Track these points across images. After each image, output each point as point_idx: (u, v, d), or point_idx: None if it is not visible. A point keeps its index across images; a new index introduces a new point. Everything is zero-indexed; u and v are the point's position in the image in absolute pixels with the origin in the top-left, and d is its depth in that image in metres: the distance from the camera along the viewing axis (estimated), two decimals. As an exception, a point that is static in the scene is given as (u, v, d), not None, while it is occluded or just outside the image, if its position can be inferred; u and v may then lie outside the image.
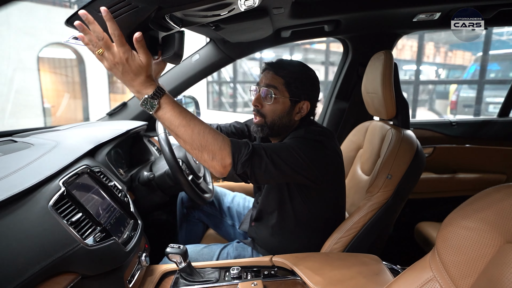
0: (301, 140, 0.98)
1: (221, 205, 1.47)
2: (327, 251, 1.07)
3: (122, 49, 0.72)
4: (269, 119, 1.06)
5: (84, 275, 0.72)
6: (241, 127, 1.34)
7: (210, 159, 0.84)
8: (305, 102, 1.08)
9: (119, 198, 1.00)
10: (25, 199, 0.68)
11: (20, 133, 1.18)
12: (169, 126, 0.81)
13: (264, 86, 1.05)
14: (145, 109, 0.79)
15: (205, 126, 0.83)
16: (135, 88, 0.78)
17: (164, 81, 1.56)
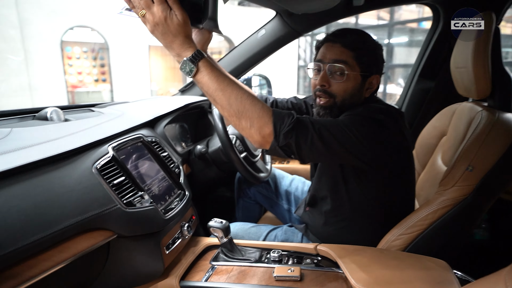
0: (355, 117, 0.85)
1: (277, 188, 1.41)
2: (384, 247, 0.92)
3: (160, 7, 0.72)
4: (340, 99, 0.94)
5: (120, 234, 0.77)
6: (298, 103, 1.24)
7: (248, 127, 0.79)
8: (375, 76, 0.95)
9: (170, 169, 1.03)
10: (73, 158, 0.75)
11: (101, 104, 1.33)
12: (207, 90, 0.79)
13: (331, 62, 0.92)
14: (184, 73, 0.78)
15: (244, 92, 0.79)
16: (175, 51, 0.77)
17: (230, 58, 1.55)
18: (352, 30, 0.96)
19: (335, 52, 0.92)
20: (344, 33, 0.94)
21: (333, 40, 0.94)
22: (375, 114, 0.86)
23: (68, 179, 0.70)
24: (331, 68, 0.92)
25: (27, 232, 0.58)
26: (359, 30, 0.96)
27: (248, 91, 0.80)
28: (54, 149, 0.71)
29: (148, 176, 0.93)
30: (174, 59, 0.79)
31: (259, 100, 0.80)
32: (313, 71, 0.99)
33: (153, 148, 1.02)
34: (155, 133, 1.11)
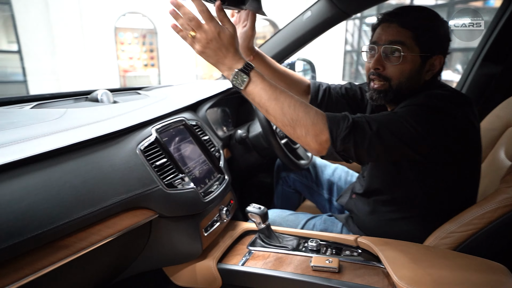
0: (417, 108, 0.78)
1: (318, 177, 1.37)
2: (431, 244, 0.85)
3: (212, 24, 0.73)
4: (395, 82, 0.87)
5: (161, 214, 0.79)
6: (353, 89, 1.18)
7: (304, 135, 0.76)
8: (437, 57, 0.86)
9: (210, 152, 1.05)
10: (119, 139, 0.78)
11: (147, 88, 1.37)
12: (259, 101, 0.78)
13: (387, 43, 0.85)
14: (236, 85, 0.78)
15: (296, 100, 0.77)
16: (227, 64, 0.77)
17: (274, 42, 1.51)
18: (413, 7, 0.88)
19: (391, 33, 0.86)
20: (403, 11, 0.86)
21: (390, 20, 0.87)
22: (438, 102, 0.79)
23: (115, 158, 0.74)
24: (386, 50, 0.86)
25: (78, 206, 0.62)
26: (421, 7, 0.87)
27: (299, 99, 0.78)
28: (103, 129, 0.74)
29: (189, 159, 0.95)
30: (225, 75, 0.79)
31: (312, 107, 0.78)
32: (367, 54, 0.93)
33: (194, 132, 1.03)
34: (197, 116, 1.12)
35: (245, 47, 0.97)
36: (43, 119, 0.76)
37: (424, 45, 0.84)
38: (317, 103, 1.16)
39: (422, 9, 0.87)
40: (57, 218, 0.58)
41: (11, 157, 0.56)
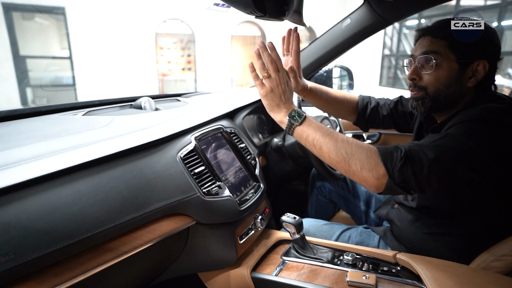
0: (475, 126, 0.74)
1: (355, 188, 1.34)
2: (480, 267, 0.80)
3: (283, 73, 0.84)
4: (432, 90, 0.88)
5: (199, 221, 0.82)
6: (404, 103, 1.18)
7: (359, 170, 0.75)
8: (480, 62, 0.83)
9: (246, 160, 1.06)
10: (161, 146, 0.81)
11: (186, 94, 1.42)
12: (313, 137, 0.80)
13: (421, 54, 0.88)
14: (291, 121, 0.82)
15: (348, 137, 0.80)
16: (285, 108, 0.84)
17: (312, 49, 1.49)
18: (446, 19, 0.87)
19: (425, 45, 0.88)
20: (437, 23, 0.89)
21: (424, 34, 0.90)
22: (495, 116, 0.74)
23: (157, 165, 0.77)
24: (421, 60, 0.88)
25: (123, 211, 0.65)
26: (453, 18, 0.86)
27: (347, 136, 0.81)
28: (146, 137, 0.78)
29: (226, 166, 0.97)
30: (276, 120, 0.86)
31: (362, 142, 0.79)
32: (407, 68, 0.95)
33: (231, 139, 1.05)
34: (234, 124, 1.14)
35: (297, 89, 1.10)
36: (93, 126, 0.81)
37: (460, 51, 0.84)
38: (364, 120, 1.20)
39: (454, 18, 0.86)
40: (104, 222, 0.61)
41: (67, 163, 0.61)
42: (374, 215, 1.28)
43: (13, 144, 0.64)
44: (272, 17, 0.80)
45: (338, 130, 1.33)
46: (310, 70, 1.53)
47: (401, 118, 1.18)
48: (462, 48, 0.84)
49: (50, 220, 0.55)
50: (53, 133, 0.74)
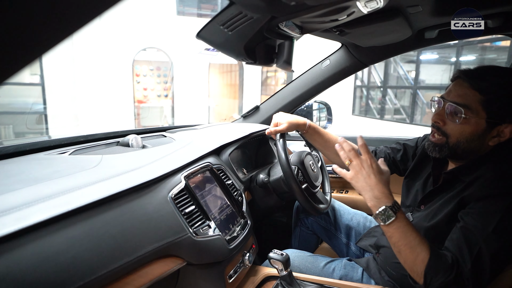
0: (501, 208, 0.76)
1: (337, 221, 1.38)
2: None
3: (368, 155, 0.87)
4: (453, 140, 0.88)
5: (189, 262, 0.81)
6: (398, 149, 1.21)
7: (408, 267, 0.81)
8: (509, 125, 0.83)
9: (234, 197, 1.07)
10: (152, 187, 0.81)
11: (171, 129, 1.43)
12: (395, 241, 0.81)
13: (452, 101, 0.86)
14: (378, 219, 0.82)
15: (427, 254, 0.78)
16: (375, 194, 0.83)
17: (294, 86, 1.58)
18: (494, 68, 0.86)
19: (460, 92, 0.85)
20: (480, 71, 0.85)
21: (463, 78, 0.86)
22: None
23: (149, 206, 0.77)
24: (449, 107, 0.87)
25: (116, 256, 0.64)
26: (502, 70, 0.86)
27: (433, 252, 0.78)
28: (139, 178, 0.78)
29: (215, 204, 0.98)
30: (369, 204, 0.84)
31: (434, 256, 0.78)
32: (434, 104, 0.94)
33: (219, 176, 1.07)
34: (220, 160, 1.16)
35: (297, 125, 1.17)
36: (83, 167, 0.81)
37: (493, 111, 0.82)
38: None
39: (503, 74, 0.84)
40: (97, 269, 0.60)
41: (60, 209, 0.60)
42: (355, 247, 1.31)
43: (2, 190, 0.63)
44: (262, 64, 0.86)
45: (320, 165, 1.38)
46: (292, 106, 1.60)
47: (396, 163, 1.20)
48: (497, 108, 0.82)
49: (42, 270, 0.54)
50: (43, 176, 0.72)
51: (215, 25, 0.78)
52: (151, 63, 9.36)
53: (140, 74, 9.38)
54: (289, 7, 0.67)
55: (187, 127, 1.50)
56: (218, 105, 10.24)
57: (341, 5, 0.67)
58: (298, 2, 0.62)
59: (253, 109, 1.75)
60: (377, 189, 0.83)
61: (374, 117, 9.94)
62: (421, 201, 1.00)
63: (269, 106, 1.69)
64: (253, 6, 0.69)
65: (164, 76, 9.56)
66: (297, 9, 0.67)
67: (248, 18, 0.73)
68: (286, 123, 1.18)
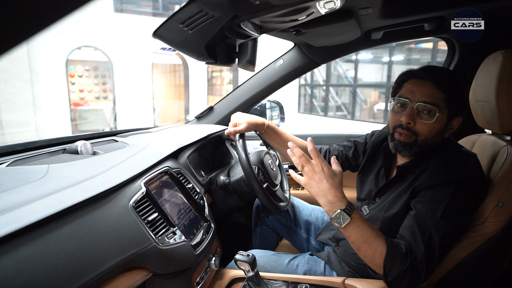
0: (467, 191, 0.85)
1: (297, 217, 1.42)
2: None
3: (318, 159, 0.87)
4: (422, 138, 0.92)
5: (155, 272, 0.77)
6: (349, 146, 1.29)
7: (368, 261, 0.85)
8: (458, 119, 0.94)
9: (195, 200, 1.04)
10: (111, 196, 0.75)
11: (122, 133, 1.35)
12: (354, 240, 0.83)
13: (422, 101, 0.89)
14: (336, 223, 0.83)
15: (384, 246, 0.81)
16: (329, 199, 0.84)
17: (249, 86, 1.59)
18: (443, 69, 0.94)
19: (426, 92, 0.90)
20: (436, 71, 0.92)
21: (424, 78, 0.91)
22: (481, 177, 0.88)
23: (108, 217, 0.71)
24: (421, 107, 0.90)
25: (75, 275, 0.58)
26: (449, 70, 0.96)
27: (389, 243, 0.82)
28: (95, 188, 0.72)
29: (177, 209, 0.94)
30: (324, 209, 0.85)
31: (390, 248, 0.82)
32: (394, 105, 0.97)
33: (179, 180, 1.03)
34: (179, 164, 1.12)
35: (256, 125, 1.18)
36: (27, 179, 0.72)
37: (453, 107, 0.90)
38: None
39: (450, 72, 0.95)
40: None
41: (6, 228, 0.53)
42: (315, 242, 1.36)
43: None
44: (223, 64, 0.85)
45: (278, 163, 1.41)
46: (247, 106, 1.61)
47: (348, 159, 1.28)
48: (455, 105, 0.90)
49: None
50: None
51: (174, 23, 0.75)
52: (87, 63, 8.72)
53: (74, 75, 8.68)
54: (252, 6, 0.66)
55: (139, 130, 1.42)
56: (163, 106, 9.89)
57: (302, 6, 0.69)
58: (262, 1, 0.62)
59: (207, 110, 1.72)
60: (330, 194, 0.83)
61: (318, 114, 10.42)
62: (376, 194, 1.07)
63: (224, 106, 1.68)
64: (215, 4, 0.67)
65: (102, 76, 8.96)
66: (260, 8, 0.67)
67: (209, 17, 0.71)
68: (245, 123, 1.18)
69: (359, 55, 9.50)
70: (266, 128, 1.25)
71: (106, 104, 9.05)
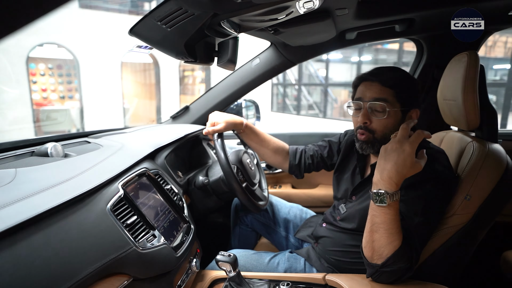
0: (442, 186, 0.89)
1: (275, 215, 1.43)
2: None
3: (413, 141, 0.78)
4: (380, 134, 0.98)
5: (136, 277, 0.74)
6: (324, 145, 1.32)
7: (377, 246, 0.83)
8: (414, 110, 1.00)
9: (174, 202, 1.02)
10: (87, 200, 0.72)
11: (94, 134, 1.29)
12: (378, 222, 0.80)
13: (372, 100, 0.97)
14: (373, 198, 0.80)
15: (401, 238, 0.81)
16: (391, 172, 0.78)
17: (225, 85, 1.58)
18: (389, 68, 1.01)
19: (374, 91, 0.97)
20: (382, 71, 0.99)
21: (371, 79, 0.98)
22: (451, 172, 0.91)
23: (85, 222, 0.68)
24: (372, 105, 0.97)
25: (51, 284, 0.55)
26: (395, 67, 1.01)
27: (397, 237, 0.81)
28: (70, 192, 0.69)
29: (156, 211, 0.92)
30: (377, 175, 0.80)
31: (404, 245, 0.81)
32: (352, 108, 1.03)
33: (157, 181, 1.01)
34: (156, 165, 1.10)
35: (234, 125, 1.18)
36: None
37: (403, 100, 0.96)
38: (296, 164, 1.30)
39: (398, 70, 1.01)
40: (30, 304, 0.51)
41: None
42: (294, 239, 1.38)
43: None
44: (202, 63, 0.83)
45: (256, 162, 1.41)
46: (223, 105, 1.60)
47: (324, 158, 1.31)
48: (405, 98, 0.96)
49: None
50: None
51: (152, 20, 0.73)
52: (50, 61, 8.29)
53: (36, 73, 8.21)
54: (233, 5, 0.66)
55: (113, 131, 1.37)
56: (132, 106, 9.59)
57: (282, 5, 0.69)
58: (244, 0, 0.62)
59: (183, 110, 1.69)
60: (391, 172, 0.77)
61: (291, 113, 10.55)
62: (352, 192, 1.11)
63: (200, 105, 1.65)
64: (195, 2, 0.66)
65: (67, 75, 8.55)
66: (241, 7, 0.67)
67: (189, 15, 0.70)
68: (224, 122, 1.17)
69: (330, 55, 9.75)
70: (245, 128, 1.25)
71: (72, 104, 8.64)
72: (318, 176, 1.80)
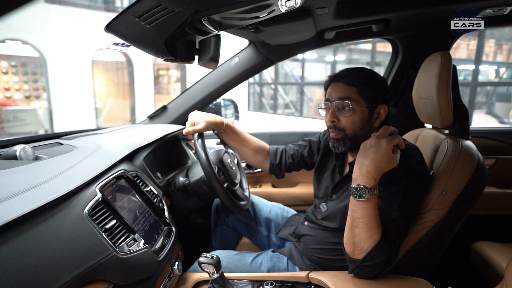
0: (417, 183, 0.92)
1: (257, 215, 1.43)
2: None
3: (393, 140, 0.82)
4: (350, 131, 1.02)
5: (116, 284, 0.71)
6: (304, 145, 1.33)
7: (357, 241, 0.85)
8: (382, 106, 1.03)
9: (154, 204, 0.99)
10: (63, 205, 0.68)
11: (67, 135, 1.23)
12: (358, 217, 0.83)
13: (337, 99, 1.01)
14: (352, 193, 0.83)
15: (381, 232, 0.84)
16: (369, 168, 0.81)
17: (203, 84, 1.55)
18: (354, 68, 1.05)
19: (339, 90, 1.01)
20: (346, 72, 1.03)
21: (336, 80, 1.03)
22: (426, 170, 0.95)
23: (61, 228, 0.64)
24: (338, 104, 1.01)
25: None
26: (361, 68, 1.05)
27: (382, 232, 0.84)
28: (43, 197, 0.65)
29: (136, 215, 0.89)
30: (357, 171, 0.83)
31: (383, 239, 0.84)
32: (324, 110, 1.07)
33: (136, 183, 0.97)
34: (135, 166, 1.06)
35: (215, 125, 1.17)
36: (-45, 190, 0.62)
37: (368, 97, 1.00)
38: (276, 164, 1.31)
39: (362, 69, 1.05)
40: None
41: None
42: (276, 238, 1.38)
43: None
44: (183, 61, 0.81)
45: (236, 162, 1.40)
46: (202, 105, 1.57)
47: (303, 157, 1.32)
48: (369, 94, 1.00)
49: None
50: None
51: (130, 17, 0.70)
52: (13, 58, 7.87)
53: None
54: (215, 1, 0.65)
55: (87, 131, 1.31)
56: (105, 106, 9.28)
57: (264, 3, 0.69)
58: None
59: (160, 109, 1.65)
60: (369, 167, 0.80)
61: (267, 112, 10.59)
62: (332, 190, 1.12)
63: (178, 105, 1.62)
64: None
65: (33, 73, 8.13)
66: (223, 4, 0.66)
67: (169, 11, 0.67)
68: (204, 122, 1.15)
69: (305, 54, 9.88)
70: (225, 127, 1.23)
71: (39, 104, 8.24)
72: (297, 175, 1.82)
